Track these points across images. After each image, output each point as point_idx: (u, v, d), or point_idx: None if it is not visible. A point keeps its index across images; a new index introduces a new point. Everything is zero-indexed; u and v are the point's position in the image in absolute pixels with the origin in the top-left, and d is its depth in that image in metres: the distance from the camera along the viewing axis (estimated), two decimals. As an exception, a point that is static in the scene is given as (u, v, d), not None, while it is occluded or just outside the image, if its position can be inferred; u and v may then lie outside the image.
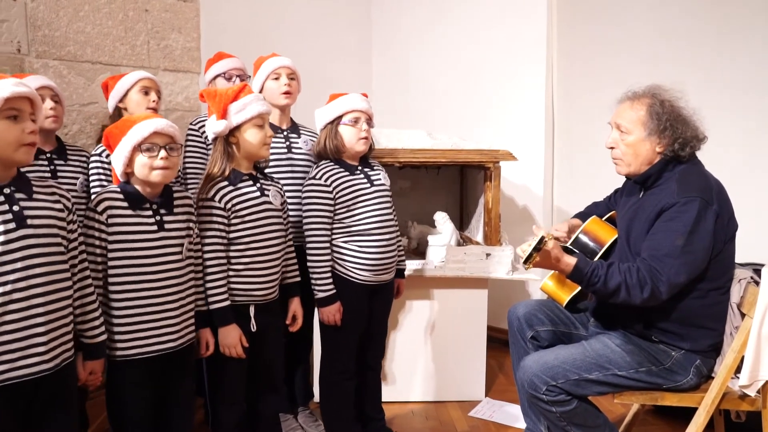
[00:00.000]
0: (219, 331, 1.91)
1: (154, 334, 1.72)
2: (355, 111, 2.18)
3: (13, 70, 2.58)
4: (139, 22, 3.04)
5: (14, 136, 1.39)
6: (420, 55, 3.99)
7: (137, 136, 1.67)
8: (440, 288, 2.81)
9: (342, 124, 2.18)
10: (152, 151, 1.69)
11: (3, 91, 1.36)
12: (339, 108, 2.19)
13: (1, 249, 1.38)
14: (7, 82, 1.39)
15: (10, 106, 1.38)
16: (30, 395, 1.45)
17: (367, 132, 2.21)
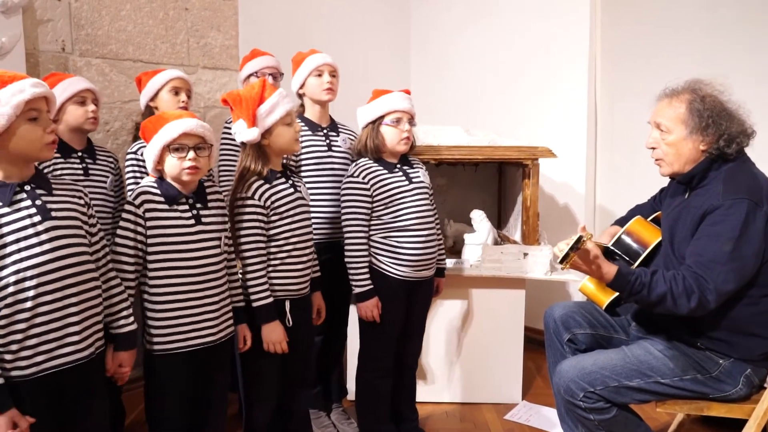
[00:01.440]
0: (263, 328, 1.91)
1: (194, 327, 1.73)
2: (397, 111, 2.16)
3: (57, 68, 2.64)
4: (179, 20, 3.08)
5: (37, 137, 1.43)
6: (458, 51, 3.94)
7: (167, 136, 1.68)
8: (476, 287, 2.76)
9: (384, 125, 2.16)
10: (181, 151, 1.70)
11: (23, 94, 1.38)
12: (381, 108, 2.17)
13: (33, 241, 1.42)
14: (25, 84, 1.40)
15: (30, 107, 1.41)
16: (65, 384, 1.48)
17: (409, 132, 2.18)
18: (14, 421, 1.39)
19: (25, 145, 1.41)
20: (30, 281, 1.40)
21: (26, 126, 1.40)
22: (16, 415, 1.39)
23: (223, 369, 1.86)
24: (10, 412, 1.38)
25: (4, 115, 1.36)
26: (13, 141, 1.39)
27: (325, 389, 2.64)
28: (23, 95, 1.38)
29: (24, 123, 1.39)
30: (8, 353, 1.40)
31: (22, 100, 1.37)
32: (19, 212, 1.42)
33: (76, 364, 1.47)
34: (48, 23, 2.63)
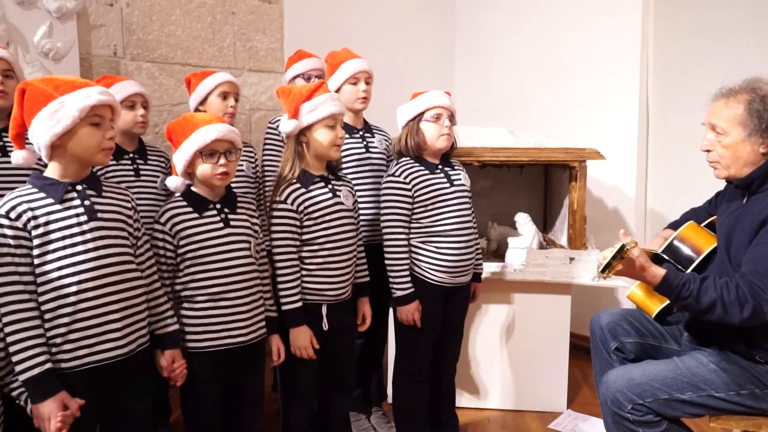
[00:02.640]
0: (290, 332, 1.92)
1: (224, 327, 1.75)
2: (436, 107, 2.13)
3: (109, 72, 2.73)
4: (226, 24, 3.13)
5: (96, 141, 1.49)
6: (504, 51, 3.88)
7: (199, 141, 1.70)
8: (520, 292, 2.70)
9: (423, 121, 2.14)
10: (213, 157, 1.72)
11: (90, 99, 1.45)
12: (420, 104, 2.14)
13: (77, 239, 1.47)
14: (92, 91, 1.47)
15: (95, 113, 1.47)
16: (107, 379, 1.52)
17: (449, 129, 2.15)
18: (64, 403, 1.44)
19: (83, 147, 1.47)
20: (72, 278, 1.45)
21: (88, 129, 1.46)
22: (66, 397, 1.44)
23: (255, 370, 1.87)
24: (60, 394, 1.43)
25: (69, 116, 1.42)
26: (73, 142, 1.46)
27: (365, 392, 2.64)
28: (89, 101, 1.44)
29: (86, 126, 1.46)
30: (53, 345, 1.45)
31: (87, 105, 1.44)
32: (68, 210, 1.47)
33: (116, 360, 1.51)
34: (101, 28, 2.72)
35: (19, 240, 1.43)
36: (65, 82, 1.47)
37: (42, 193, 1.47)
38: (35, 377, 1.41)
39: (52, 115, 1.43)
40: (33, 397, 1.42)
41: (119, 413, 1.59)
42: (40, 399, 1.42)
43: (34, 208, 1.45)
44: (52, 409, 1.41)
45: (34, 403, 1.42)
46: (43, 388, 1.42)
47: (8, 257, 1.42)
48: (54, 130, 1.43)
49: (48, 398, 1.42)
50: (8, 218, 1.43)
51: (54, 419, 1.41)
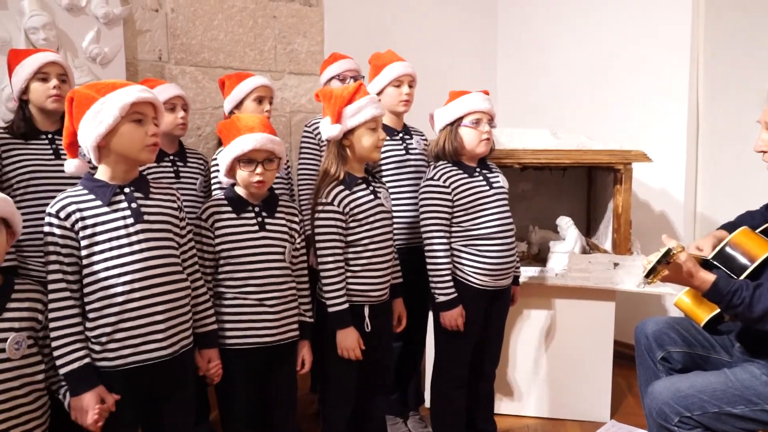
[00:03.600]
0: (337, 333, 1.91)
1: (252, 326, 1.77)
2: (476, 112, 2.10)
3: (154, 76, 2.79)
4: (267, 28, 3.17)
5: (139, 138, 1.50)
6: (547, 50, 3.81)
7: (238, 149, 1.73)
8: (562, 297, 2.63)
9: (463, 126, 2.11)
10: (250, 165, 1.74)
11: (129, 96, 1.47)
12: (460, 109, 2.11)
13: (124, 242, 1.50)
14: (133, 89, 1.50)
15: (135, 110, 1.49)
16: (150, 379, 1.55)
17: (489, 134, 2.11)
18: (102, 397, 1.47)
19: (126, 144, 1.49)
20: (119, 278, 1.48)
21: (130, 126, 1.48)
22: (103, 391, 1.48)
23: (287, 369, 1.87)
24: (98, 388, 1.47)
25: (110, 115, 1.45)
26: (116, 140, 1.48)
27: (403, 396, 2.62)
28: (129, 98, 1.47)
29: (128, 124, 1.48)
30: (98, 344, 1.49)
31: (127, 103, 1.46)
32: (116, 213, 1.50)
33: (159, 360, 1.54)
34: (146, 33, 2.78)
35: (66, 239, 1.47)
36: (106, 85, 1.50)
37: (91, 195, 1.50)
38: (74, 371, 1.45)
39: (95, 116, 1.46)
40: (72, 390, 1.47)
41: (161, 412, 1.62)
42: (78, 392, 1.46)
43: (83, 209, 1.48)
44: (89, 402, 1.45)
45: (73, 396, 1.46)
46: (82, 382, 1.46)
47: (55, 255, 1.46)
48: (98, 130, 1.45)
49: (86, 391, 1.45)
50: (57, 217, 1.47)
51: (91, 411, 1.45)
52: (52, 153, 1.99)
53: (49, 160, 1.98)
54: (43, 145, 1.99)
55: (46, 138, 2.00)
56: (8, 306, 1.44)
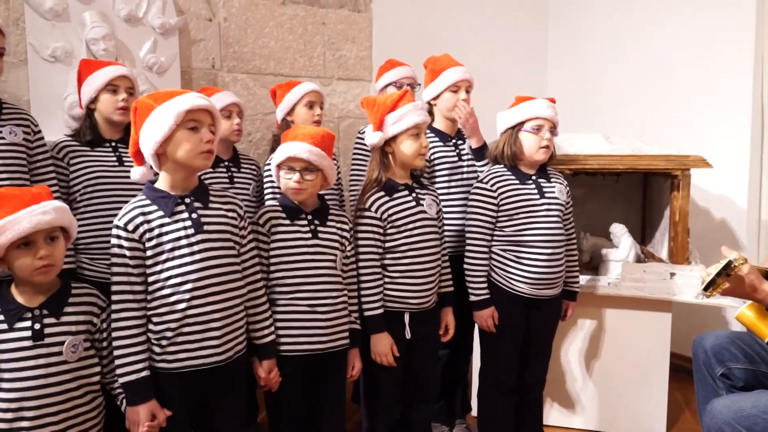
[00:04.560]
0: (371, 338, 1.92)
1: (303, 333, 1.78)
2: (539, 118, 2.07)
3: (207, 84, 2.86)
4: (317, 34, 3.20)
5: (194, 145, 1.53)
6: (600, 52, 3.71)
7: (279, 157, 1.79)
8: (614, 308, 2.55)
9: (523, 131, 2.08)
10: (289, 172, 1.78)
11: (185, 104, 1.51)
12: (522, 114, 2.09)
13: (185, 251, 1.54)
14: (189, 97, 1.53)
15: (190, 117, 1.52)
16: (204, 383, 1.59)
17: (549, 141, 2.08)
18: (154, 412, 1.52)
19: (182, 152, 1.52)
20: (180, 287, 1.52)
21: (185, 133, 1.51)
22: (155, 407, 1.53)
23: (336, 377, 1.88)
24: (150, 403, 1.52)
25: (166, 123, 1.48)
26: (172, 147, 1.52)
27: (449, 404, 2.59)
28: (183, 105, 1.50)
29: (183, 131, 1.51)
30: (158, 347, 1.54)
31: (182, 110, 1.49)
32: (177, 223, 1.54)
33: (214, 366, 1.57)
34: (200, 42, 2.86)
35: (134, 251, 1.51)
36: (165, 93, 1.54)
37: (154, 206, 1.54)
38: (132, 382, 1.50)
39: (152, 124, 1.50)
40: (127, 400, 1.52)
41: (213, 415, 1.66)
42: (133, 403, 1.51)
43: (150, 220, 1.52)
44: (141, 416, 1.51)
45: (128, 405, 1.52)
46: (138, 394, 1.51)
47: (123, 267, 1.51)
48: (154, 138, 1.49)
49: (140, 404, 1.50)
50: (125, 230, 1.51)
51: (141, 427, 1.50)
52: (116, 160, 2.07)
53: (112, 166, 2.06)
54: (107, 152, 2.07)
55: (110, 146, 2.09)
56: (66, 310, 1.49)
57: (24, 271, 1.42)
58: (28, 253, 1.41)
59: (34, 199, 1.44)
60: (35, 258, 1.41)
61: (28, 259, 1.41)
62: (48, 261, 1.43)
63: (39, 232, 1.42)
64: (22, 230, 1.39)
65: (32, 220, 1.40)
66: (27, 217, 1.40)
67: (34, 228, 1.40)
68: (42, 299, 1.47)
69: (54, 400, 1.43)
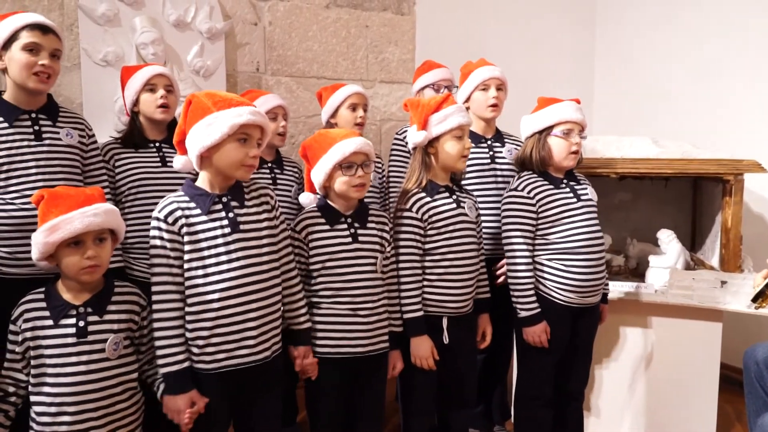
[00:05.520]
0: (411, 341, 1.91)
1: (345, 336, 1.78)
2: (568, 122, 2.03)
3: (252, 87, 2.91)
4: (360, 37, 3.22)
5: (239, 157, 1.55)
6: (649, 51, 3.61)
7: (339, 154, 1.74)
8: (661, 316, 2.47)
9: (552, 135, 2.04)
10: (351, 169, 1.75)
11: (240, 118, 1.52)
12: (550, 117, 2.05)
13: (221, 250, 1.55)
14: (245, 110, 1.54)
15: (243, 131, 1.54)
16: (242, 382, 1.61)
17: (579, 146, 2.03)
18: (193, 400, 1.54)
19: (226, 161, 1.55)
20: (216, 285, 1.54)
21: (234, 145, 1.53)
22: (195, 395, 1.55)
23: (375, 380, 1.88)
24: (191, 392, 1.54)
25: (219, 132, 1.50)
26: (218, 155, 1.54)
27: (487, 409, 2.56)
28: (240, 119, 1.52)
29: (233, 142, 1.53)
30: (195, 347, 1.56)
31: (237, 123, 1.51)
32: (214, 222, 1.56)
33: (251, 365, 1.59)
34: (246, 46, 2.92)
35: (174, 243, 1.54)
36: (223, 99, 1.54)
37: (192, 203, 1.56)
38: (173, 373, 1.53)
39: (205, 128, 1.51)
40: (168, 390, 1.55)
41: (251, 414, 1.68)
42: (173, 393, 1.54)
43: (188, 216, 1.55)
44: (182, 405, 1.53)
45: (168, 395, 1.55)
46: (179, 384, 1.54)
47: (164, 258, 1.54)
48: (204, 142, 1.51)
49: (180, 394, 1.53)
50: (166, 222, 1.54)
51: (182, 414, 1.53)
52: (159, 160, 2.12)
53: (156, 167, 2.11)
54: (152, 153, 2.13)
55: (153, 146, 2.14)
56: (109, 308, 1.53)
57: (71, 270, 1.47)
58: (77, 252, 1.47)
59: (87, 201, 1.49)
60: (83, 257, 1.46)
61: (76, 257, 1.46)
62: (95, 261, 1.48)
63: (88, 232, 1.47)
64: (73, 230, 1.44)
65: (84, 221, 1.45)
66: (79, 218, 1.45)
67: (84, 229, 1.45)
68: (86, 297, 1.51)
69: (95, 396, 1.48)
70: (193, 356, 1.56)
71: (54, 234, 1.43)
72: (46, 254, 1.46)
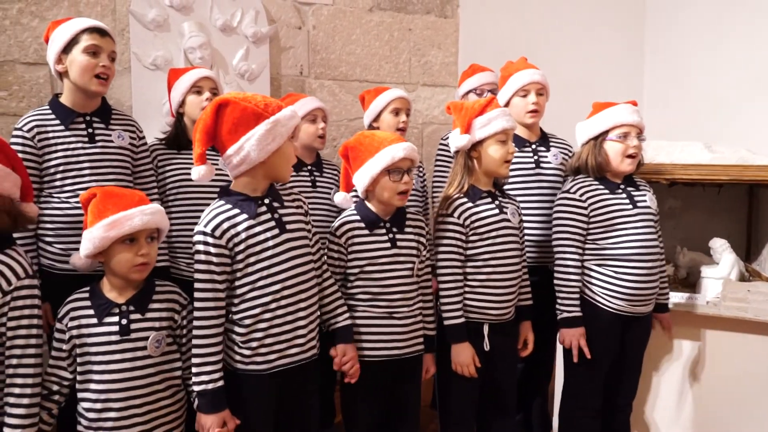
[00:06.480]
0: (452, 348, 1.89)
1: (384, 339, 1.78)
2: (624, 125, 1.98)
3: (295, 90, 2.94)
4: (403, 41, 3.21)
5: (291, 155, 1.58)
6: (702, 55, 3.49)
7: (388, 158, 1.72)
8: (713, 329, 2.37)
9: (608, 140, 1.99)
10: (398, 174, 1.74)
11: (295, 119, 1.54)
12: (605, 122, 2.00)
13: (272, 252, 1.56)
14: (293, 110, 1.55)
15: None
16: (288, 382, 1.61)
17: (636, 149, 1.97)
18: (225, 420, 1.54)
19: (283, 162, 1.56)
20: (269, 288, 1.55)
21: (288, 144, 1.56)
22: (227, 416, 1.54)
23: (411, 383, 1.87)
24: (223, 413, 1.54)
25: (283, 135, 1.52)
26: (277, 155, 1.54)
27: (527, 418, 2.51)
28: (295, 120, 1.55)
29: (287, 142, 1.55)
30: (247, 349, 1.56)
31: (294, 124, 1.55)
32: (263, 225, 1.56)
33: (299, 363, 1.60)
34: (290, 50, 2.94)
35: (221, 257, 1.53)
36: (269, 102, 1.53)
37: (237, 209, 1.55)
38: (207, 392, 1.52)
39: (267, 134, 1.49)
40: (200, 407, 1.54)
41: (295, 412, 1.68)
42: (206, 411, 1.53)
43: (236, 225, 1.54)
44: (212, 424, 1.52)
45: (201, 412, 1.54)
46: (212, 403, 1.53)
47: (208, 274, 1.53)
48: (269, 147, 1.50)
49: (212, 413, 1.52)
50: (213, 236, 1.52)
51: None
52: None
53: None
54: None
55: None
56: (150, 306, 1.56)
57: (123, 266, 1.50)
58: (131, 249, 1.50)
59: (141, 201, 1.53)
60: (136, 255, 1.49)
61: (129, 254, 1.49)
62: (146, 259, 1.51)
63: (143, 230, 1.50)
64: (133, 226, 1.48)
65: (143, 219, 1.49)
66: (139, 215, 1.49)
67: (143, 226, 1.49)
68: (129, 296, 1.54)
69: (139, 393, 1.51)
70: (244, 358, 1.56)
71: (114, 229, 1.46)
72: (99, 249, 1.48)
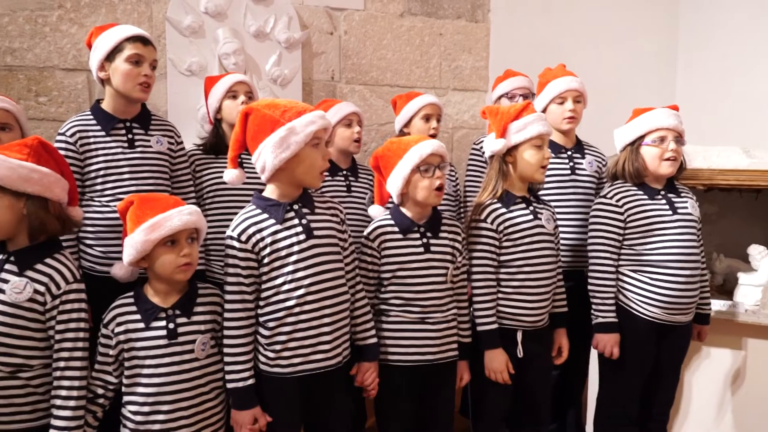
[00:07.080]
0: (485, 354, 1.88)
1: (417, 344, 1.77)
2: (660, 129, 1.96)
3: (326, 95, 2.96)
4: (433, 45, 3.21)
5: (317, 163, 1.58)
6: (738, 56, 3.42)
7: (416, 156, 1.72)
8: (753, 337, 2.32)
9: (644, 145, 1.97)
10: (429, 171, 1.73)
11: (314, 125, 1.54)
12: (641, 127, 1.99)
13: (297, 257, 1.57)
14: (314, 116, 1.55)
15: (315, 136, 1.56)
16: (315, 386, 1.62)
17: (675, 152, 1.95)
18: (256, 417, 1.57)
19: (305, 169, 1.56)
20: (294, 292, 1.56)
21: (309, 150, 1.55)
22: (259, 412, 1.58)
23: (445, 388, 1.86)
24: (255, 409, 1.57)
25: (298, 142, 1.52)
26: (295, 162, 1.54)
27: (561, 427, 2.48)
28: (314, 126, 1.53)
29: (308, 148, 1.55)
30: (272, 351, 1.58)
31: (312, 131, 1.53)
32: (290, 230, 1.58)
33: (325, 370, 1.60)
34: (321, 55, 2.96)
35: (248, 261, 1.56)
36: (289, 108, 1.55)
37: (265, 214, 1.58)
38: (239, 389, 1.56)
39: (281, 141, 1.51)
40: (233, 404, 1.58)
41: (323, 418, 1.69)
42: (238, 407, 1.57)
43: (262, 230, 1.56)
44: (245, 420, 1.56)
45: (234, 409, 1.58)
46: (244, 400, 1.57)
47: (236, 277, 1.56)
48: (283, 155, 1.51)
49: (244, 410, 1.56)
50: (239, 240, 1.55)
51: (245, 429, 1.56)
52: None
53: None
54: None
55: None
56: (195, 310, 1.58)
57: (167, 268, 1.52)
58: (173, 250, 1.52)
59: (177, 203, 1.55)
60: (179, 256, 1.52)
61: (172, 256, 1.52)
62: (189, 260, 1.53)
63: (183, 231, 1.52)
64: (173, 227, 1.50)
65: (182, 219, 1.51)
66: (177, 216, 1.51)
67: (183, 226, 1.51)
68: (174, 300, 1.56)
69: (186, 395, 1.53)
70: (269, 360, 1.58)
71: (155, 231, 1.48)
72: (143, 253, 1.51)
